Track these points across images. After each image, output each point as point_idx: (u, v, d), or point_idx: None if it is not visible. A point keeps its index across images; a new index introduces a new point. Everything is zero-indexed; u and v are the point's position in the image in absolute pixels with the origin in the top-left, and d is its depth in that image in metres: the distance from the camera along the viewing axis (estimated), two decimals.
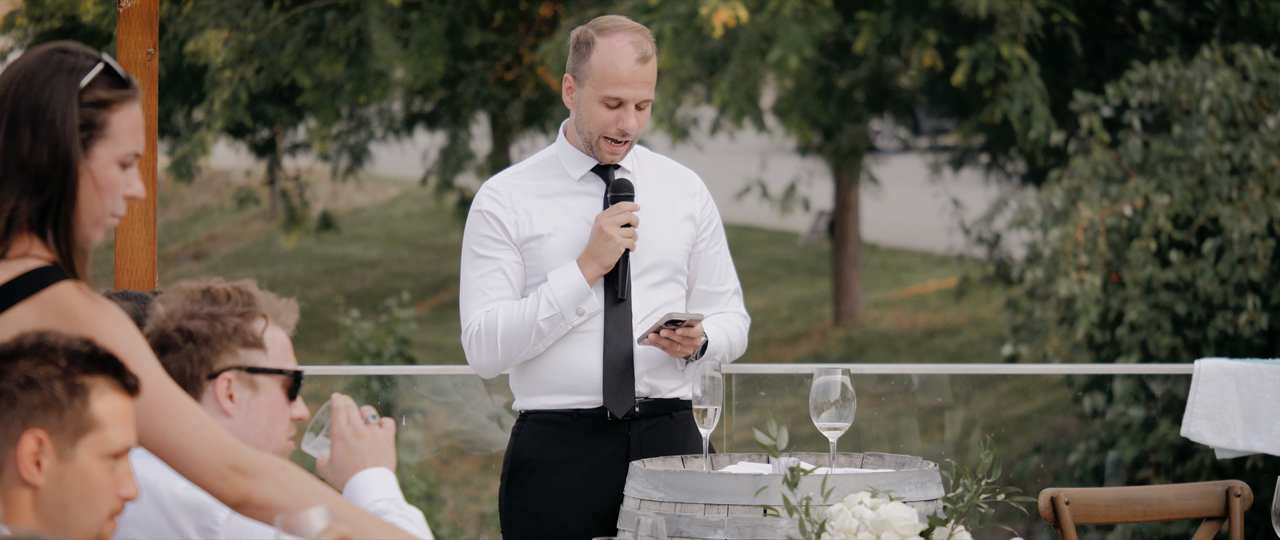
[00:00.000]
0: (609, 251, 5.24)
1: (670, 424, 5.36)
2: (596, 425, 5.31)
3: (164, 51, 16.55)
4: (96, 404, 3.27)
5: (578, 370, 5.30)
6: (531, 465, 5.33)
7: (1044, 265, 12.85)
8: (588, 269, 5.25)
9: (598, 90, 5.26)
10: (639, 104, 5.29)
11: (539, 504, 5.31)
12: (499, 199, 5.32)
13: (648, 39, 5.33)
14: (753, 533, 4.62)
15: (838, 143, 19.18)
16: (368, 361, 15.80)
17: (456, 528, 13.90)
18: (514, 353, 5.27)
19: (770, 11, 15.67)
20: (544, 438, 5.33)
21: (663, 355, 5.33)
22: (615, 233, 5.23)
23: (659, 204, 5.39)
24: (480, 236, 5.31)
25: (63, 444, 3.24)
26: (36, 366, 3.25)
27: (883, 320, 23.05)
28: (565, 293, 5.23)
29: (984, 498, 4.52)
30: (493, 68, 18.88)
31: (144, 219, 5.89)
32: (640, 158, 5.45)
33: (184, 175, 16.87)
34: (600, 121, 5.28)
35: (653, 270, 5.35)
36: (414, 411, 12.14)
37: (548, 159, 5.39)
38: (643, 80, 5.27)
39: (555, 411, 5.33)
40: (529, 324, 5.23)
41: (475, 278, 5.31)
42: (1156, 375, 11.60)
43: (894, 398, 8.76)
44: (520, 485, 5.35)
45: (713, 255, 5.48)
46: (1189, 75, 13.01)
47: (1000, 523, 11.16)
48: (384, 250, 28.24)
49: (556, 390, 5.33)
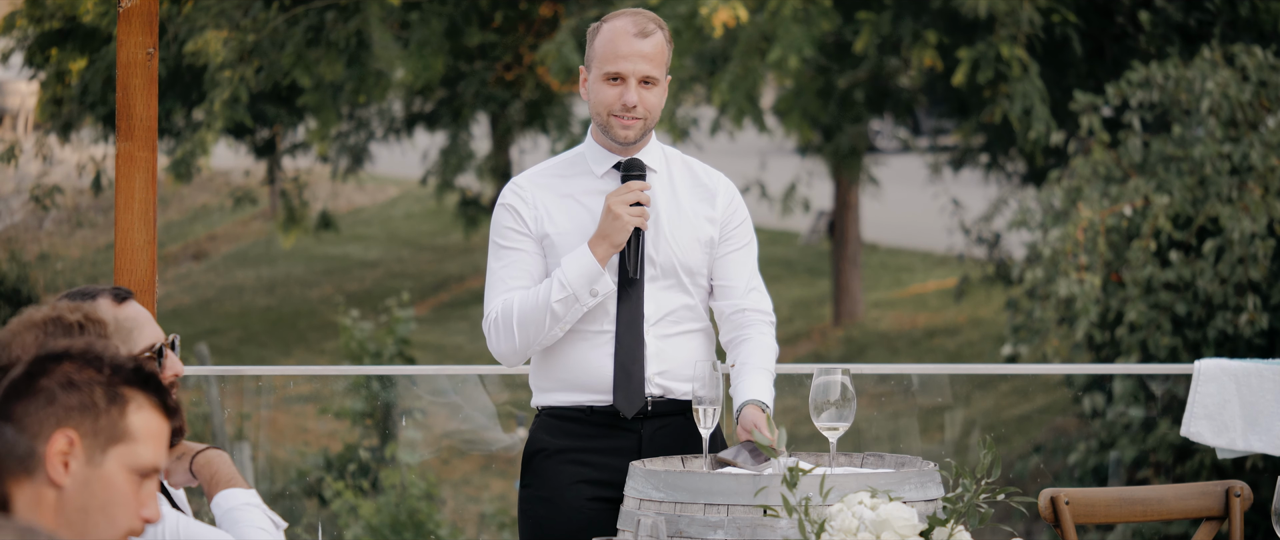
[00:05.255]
0: (618, 230, 5.26)
1: (684, 423, 5.37)
2: (609, 421, 5.35)
3: (164, 51, 16.54)
4: (133, 416, 3.29)
5: (590, 369, 5.33)
6: (545, 453, 5.37)
7: (1044, 265, 12.84)
8: (598, 249, 5.27)
9: (601, 69, 5.33)
10: (643, 79, 5.32)
11: (551, 490, 5.35)
12: (521, 194, 5.38)
13: (653, 21, 5.37)
14: (752, 533, 4.62)
15: (838, 143, 19.17)
16: (368, 361, 15.80)
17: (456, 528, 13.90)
18: (531, 338, 5.30)
19: (770, 11, 15.67)
20: (557, 430, 5.38)
21: (675, 358, 5.34)
22: (624, 212, 5.26)
23: (677, 207, 5.41)
24: (503, 228, 5.38)
25: (93, 449, 3.26)
26: (80, 369, 3.28)
27: (883, 320, 23.05)
28: (577, 274, 5.26)
29: (984, 498, 4.52)
30: (493, 68, 18.88)
31: (144, 219, 5.89)
32: (670, 158, 5.48)
33: (184, 175, 16.86)
34: (605, 99, 5.32)
35: (663, 275, 5.37)
36: (414, 411, 12.15)
37: (575, 156, 5.45)
38: (642, 54, 5.30)
39: (569, 408, 5.37)
40: (543, 307, 5.27)
41: (498, 268, 5.38)
42: (1156, 375, 11.60)
43: (894, 398, 8.76)
44: (534, 473, 5.39)
45: (736, 259, 5.45)
46: (1189, 75, 13.00)
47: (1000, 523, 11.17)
48: (384, 250, 28.23)
49: (570, 387, 5.37)
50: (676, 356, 5.35)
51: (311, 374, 14.65)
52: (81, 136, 19.97)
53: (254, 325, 24.98)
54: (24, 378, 3.28)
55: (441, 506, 13.60)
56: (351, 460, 13.74)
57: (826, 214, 25.80)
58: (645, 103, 5.33)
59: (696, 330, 5.41)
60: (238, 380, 8.70)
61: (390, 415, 13.20)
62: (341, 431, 14.63)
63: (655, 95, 5.35)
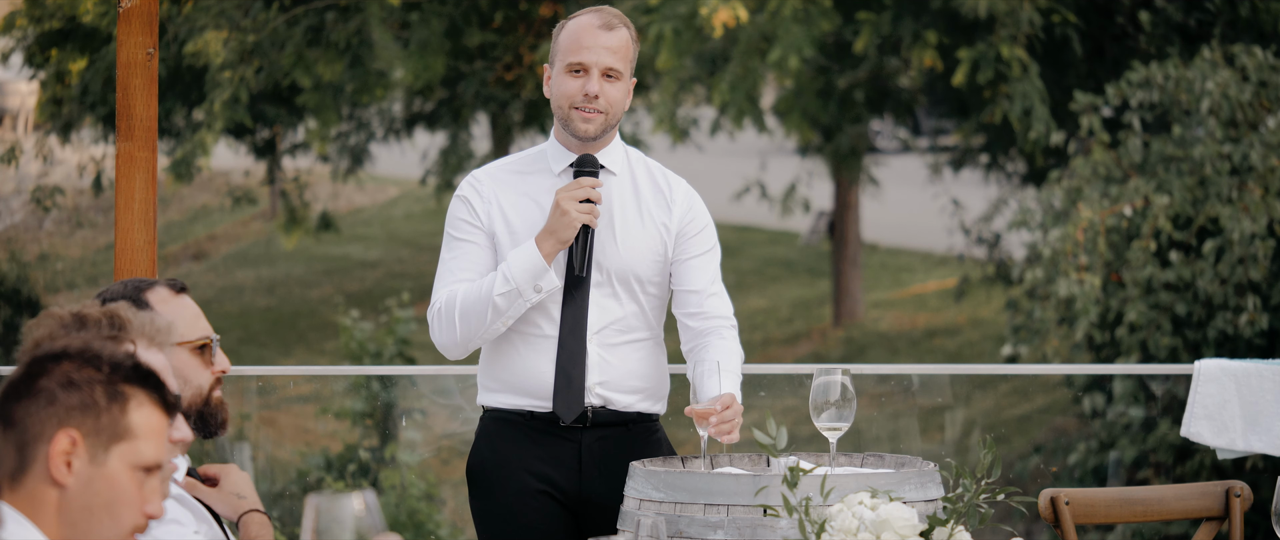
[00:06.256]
0: (565, 227, 5.18)
1: (625, 435, 5.33)
2: (549, 428, 5.30)
3: (164, 51, 16.54)
4: (134, 414, 3.30)
5: (532, 373, 5.29)
6: (488, 465, 5.34)
7: (1044, 265, 12.84)
8: (545, 245, 5.20)
9: (564, 61, 5.26)
10: (605, 72, 5.24)
11: (499, 503, 5.32)
12: (478, 188, 5.34)
13: (618, 16, 5.30)
14: (752, 533, 4.62)
15: (838, 143, 19.17)
16: (368, 361, 15.80)
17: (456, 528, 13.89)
18: (472, 331, 5.25)
19: (770, 11, 15.67)
20: (500, 437, 5.34)
21: (618, 368, 5.29)
22: (572, 208, 5.18)
23: (635, 211, 5.34)
24: (456, 219, 5.35)
25: (96, 448, 3.26)
26: (79, 368, 3.29)
27: (883, 320, 23.05)
28: (521, 269, 5.19)
29: (984, 498, 4.51)
30: (493, 68, 18.87)
31: (144, 219, 5.89)
32: (633, 161, 5.40)
33: (184, 175, 16.87)
34: (567, 90, 5.25)
35: (609, 281, 5.30)
36: (414, 411, 12.15)
37: (536, 153, 5.39)
38: (605, 46, 5.23)
39: (511, 411, 5.33)
40: (485, 300, 5.21)
41: (448, 259, 5.34)
42: (1156, 375, 11.59)
43: (894, 398, 8.76)
44: (482, 487, 5.37)
45: (696, 265, 5.36)
46: (1189, 75, 13.00)
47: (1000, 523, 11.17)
48: (384, 250, 28.23)
49: (512, 390, 5.33)
50: (620, 367, 5.29)
51: (311, 374, 14.63)
52: (81, 137, 19.98)
53: (254, 325, 24.98)
54: (24, 378, 3.28)
55: (441, 506, 13.59)
56: (351, 460, 13.73)
57: (826, 214, 25.79)
58: (607, 95, 5.25)
59: (644, 339, 5.34)
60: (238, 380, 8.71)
61: (390, 415, 13.19)
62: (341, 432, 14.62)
63: (618, 90, 5.26)
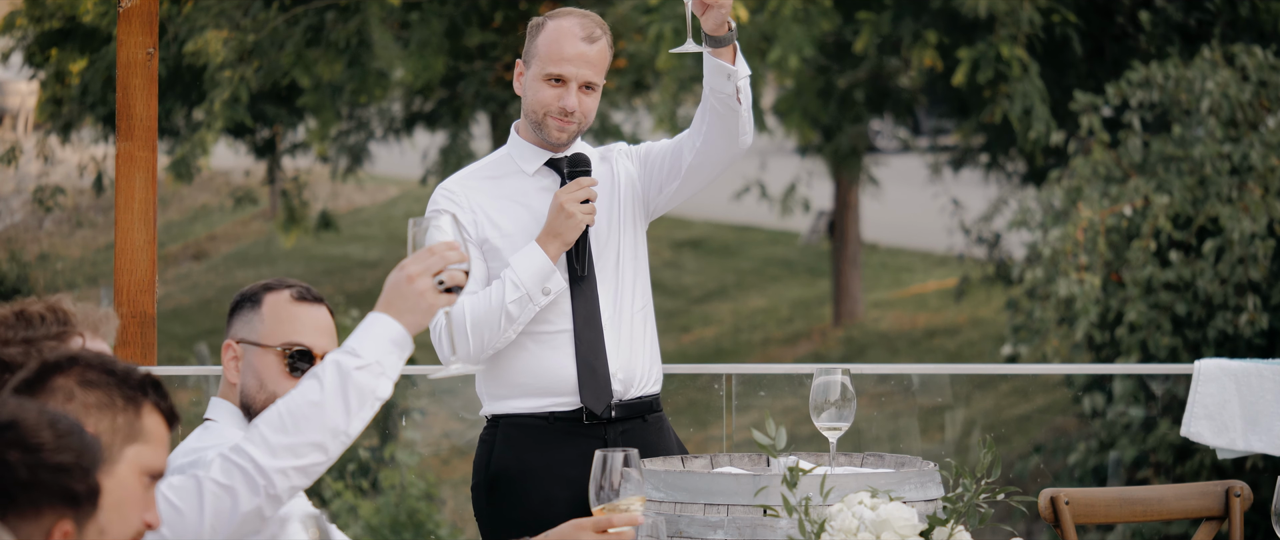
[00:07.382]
0: (570, 228, 5.21)
1: (644, 428, 5.34)
2: (572, 428, 5.30)
3: (164, 51, 16.54)
4: (146, 419, 3.32)
5: (551, 372, 5.28)
6: (511, 473, 5.30)
7: (1044, 265, 12.84)
8: (550, 247, 5.22)
9: (542, 68, 5.26)
10: (583, 84, 5.26)
11: (525, 512, 5.28)
12: (455, 199, 5.32)
13: (599, 25, 5.30)
14: (753, 533, 4.61)
15: (838, 143, 19.17)
16: None
17: (456, 528, 13.89)
18: (485, 341, 5.23)
19: (770, 11, 15.66)
20: (521, 444, 5.30)
21: (630, 348, 5.31)
22: (576, 209, 5.21)
23: (607, 196, 5.38)
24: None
25: (112, 446, 3.27)
26: (96, 372, 3.30)
27: (883, 320, 23.05)
28: (529, 273, 5.20)
29: (984, 498, 4.51)
30: (493, 68, 18.87)
31: (144, 219, 5.90)
32: (589, 151, 5.43)
33: (184, 175, 16.86)
34: (544, 99, 5.26)
35: (610, 265, 5.34)
36: (414, 411, 12.15)
37: (501, 157, 5.38)
38: (587, 60, 5.24)
39: (530, 415, 5.31)
40: (497, 309, 5.20)
41: None
42: (1156, 375, 11.60)
43: (894, 398, 8.76)
44: (502, 495, 5.32)
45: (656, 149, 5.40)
46: (1189, 75, 13.00)
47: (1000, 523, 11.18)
48: (384, 250, 28.23)
49: (530, 393, 5.31)
50: (631, 346, 5.32)
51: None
52: (82, 136, 19.98)
53: None
54: (36, 377, 3.29)
55: (441, 506, 13.59)
56: (351, 460, 13.73)
57: (826, 214, 25.79)
58: (583, 108, 5.27)
59: (643, 307, 5.38)
60: None
61: (390, 415, 13.20)
62: None
63: (593, 101, 5.28)
